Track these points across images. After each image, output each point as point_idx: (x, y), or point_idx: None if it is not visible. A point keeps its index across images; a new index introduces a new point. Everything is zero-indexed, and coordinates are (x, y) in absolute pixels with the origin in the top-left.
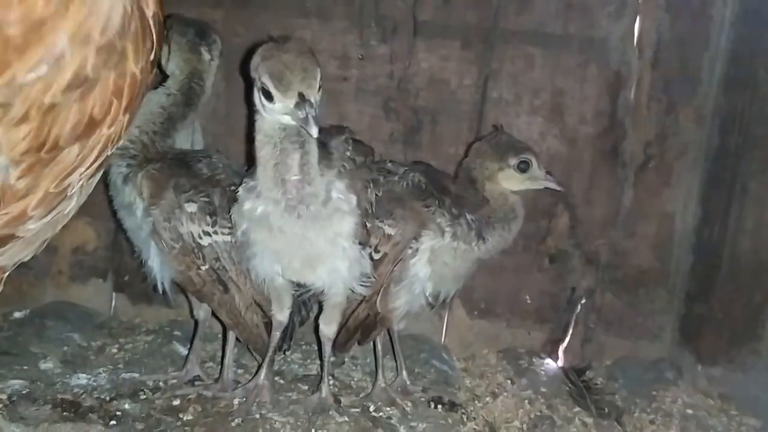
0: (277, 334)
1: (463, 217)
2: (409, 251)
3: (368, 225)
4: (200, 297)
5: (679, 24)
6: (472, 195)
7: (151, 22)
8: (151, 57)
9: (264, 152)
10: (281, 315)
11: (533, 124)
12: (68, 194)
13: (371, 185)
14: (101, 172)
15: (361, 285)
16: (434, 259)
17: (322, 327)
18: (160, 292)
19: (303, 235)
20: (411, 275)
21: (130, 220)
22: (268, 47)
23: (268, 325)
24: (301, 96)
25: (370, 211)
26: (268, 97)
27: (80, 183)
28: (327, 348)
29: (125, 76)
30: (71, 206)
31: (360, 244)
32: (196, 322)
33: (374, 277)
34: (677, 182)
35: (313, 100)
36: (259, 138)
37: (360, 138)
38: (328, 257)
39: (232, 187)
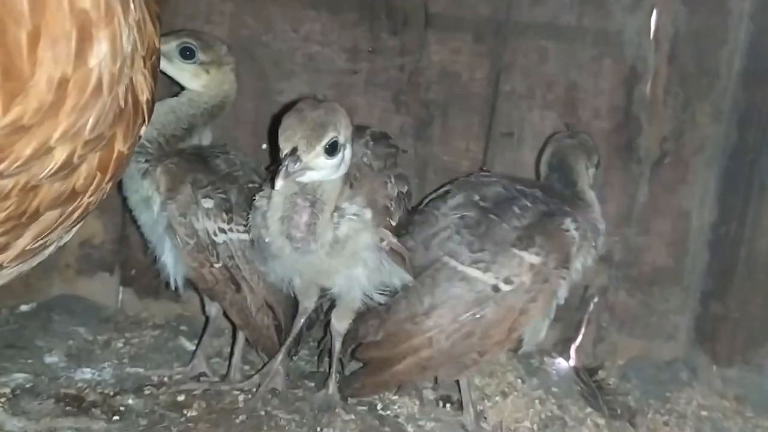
0: (301, 321)
1: (589, 233)
2: (561, 281)
3: (393, 224)
4: (212, 295)
5: (697, 17)
6: (575, 204)
7: (145, 107)
8: (142, 132)
9: (274, 200)
10: (308, 302)
11: (546, 118)
12: (46, 246)
13: (392, 181)
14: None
15: (380, 293)
16: None
17: (333, 322)
18: (173, 288)
19: (315, 263)
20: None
21: (147, 215)
22: (306, 101)
23: (279, 328)
24: (294, 150)
25: (391, 208)
26: None
27: (59, 237)
28: (336, 344)
29: (112, 153)
30: (50, 251)
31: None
32: (207, 319)
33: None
34: (694, 179)
35: (304, 160)
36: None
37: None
38: (347, 268)
39: (250, 185)
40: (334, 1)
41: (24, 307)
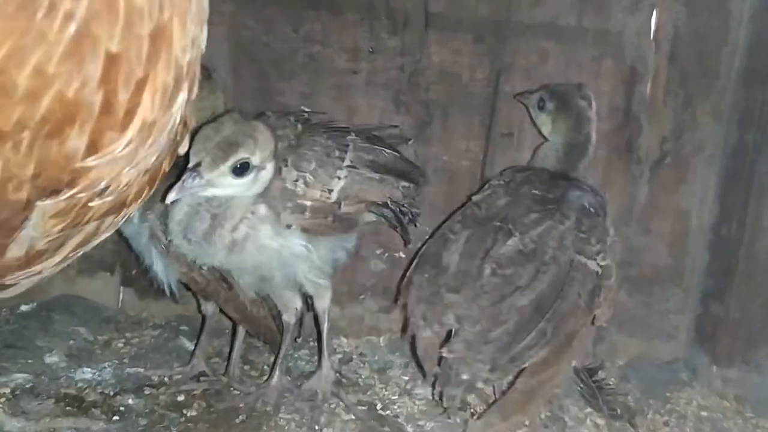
0: (287, 337)
1: None
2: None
3: (308, 202)
4: (206, 296)
5: (697, 17)
6: None
7: (188, 134)
8: (180, 151)
9: (179, 204)
10: (287, 315)
11: None
12: (81, 252)
13: (288, 163)
14: None
15: (319, 277)
16: None
17: (315, 302)
18: (168, 294)
19: (216, 263)
20: None
21: (129, 228)
22: (232, 116)
23: (276, 318)
24: (198, 164)
25: (296, 188)
26: None
27: (94, 244)
28: (323, 321)
29: (160, 172)
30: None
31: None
32: (204, 317)
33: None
34: (694, 179)
35: (204, 176)
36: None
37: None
38: (263, 262)
39: None
40: (335, 2)
41: (24, 307)
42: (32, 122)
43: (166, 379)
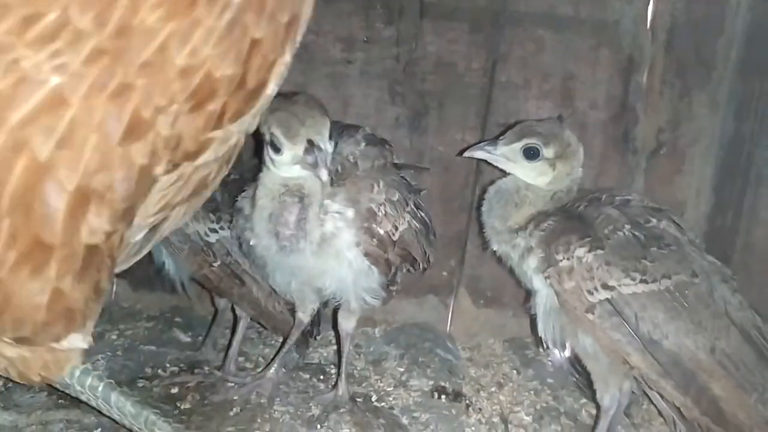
0: (296, 332)
1: None
2: None
3: (380, 231)
4: (220, 293)
5: (694, 7)
6: None
7: None
8: None
9: (261, 201)
10: (302, 313)
11: (542, 108)
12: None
13: (380, 185)
14: None
15: (373, 298)
16: None
17: (340, 321)
18: (181, 291)
19: (301, 264)
20: None
21: None
22: (276, 101)
23: (293, 311)
24: (310, 142)
25: (378, 213)
26: (276, 148)
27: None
28: (346, 343)
29: (236, 148)
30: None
31: (366, 255)
32: (216, 311)
33: None
34: (690, 169)
35: (323, 146)
36: (260, 188)
37: (367, 124)
38: (333, 269)
39: (232, 177)
40: None
41: None
42: (182, 97)
43: (159, 371)
